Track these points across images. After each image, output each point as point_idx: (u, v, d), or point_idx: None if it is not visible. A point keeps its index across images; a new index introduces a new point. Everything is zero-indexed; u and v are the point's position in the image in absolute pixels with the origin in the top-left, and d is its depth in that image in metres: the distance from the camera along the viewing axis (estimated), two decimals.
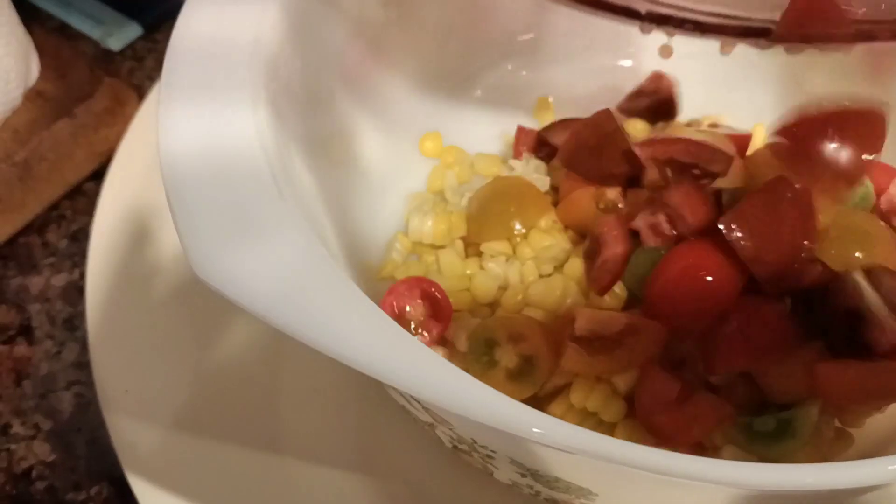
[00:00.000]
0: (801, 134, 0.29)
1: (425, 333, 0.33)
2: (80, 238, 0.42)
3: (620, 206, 0.35)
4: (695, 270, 0.30)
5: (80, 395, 0.37)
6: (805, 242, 0.30)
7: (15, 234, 0.42)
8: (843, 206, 0.32)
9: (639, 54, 0.42)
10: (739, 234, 0.29)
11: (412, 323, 0.33)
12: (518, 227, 0.35)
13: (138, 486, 0.32)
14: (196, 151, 0.26)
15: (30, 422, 0.36)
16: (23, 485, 0.35)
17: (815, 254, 0.30)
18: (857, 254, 0.31)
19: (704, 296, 0.29)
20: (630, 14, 0.25)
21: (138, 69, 0.50)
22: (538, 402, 0.32)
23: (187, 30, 0.30)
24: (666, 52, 0.33)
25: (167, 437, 0.34)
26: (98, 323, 0.36)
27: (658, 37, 0.43)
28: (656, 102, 0.42)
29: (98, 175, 0.43)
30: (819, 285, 0.30)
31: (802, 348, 0.30)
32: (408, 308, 0.33)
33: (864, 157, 0.29)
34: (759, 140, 0.38)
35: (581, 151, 0.34)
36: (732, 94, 0.42)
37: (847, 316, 0.29)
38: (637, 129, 0.42)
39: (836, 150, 0.28)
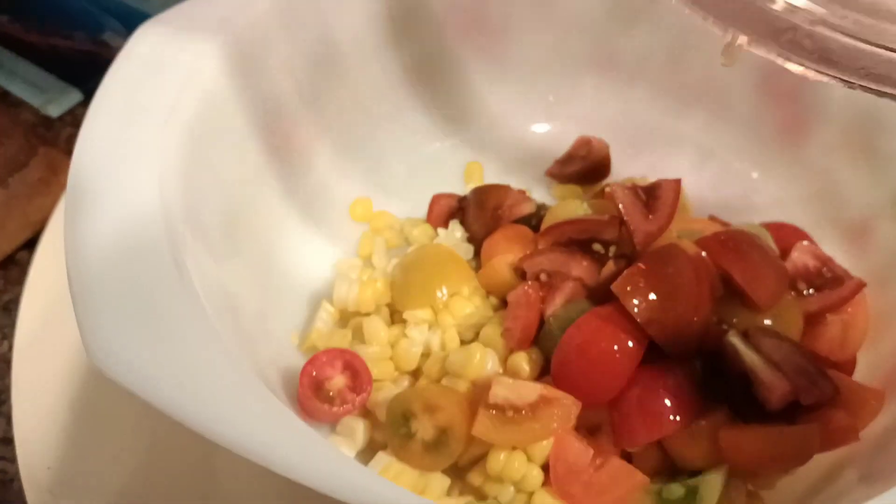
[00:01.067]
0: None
1: (346, 404, 0.33)
2: (12, 308, 0.42)
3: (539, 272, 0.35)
4: (594, 341, 0.30)
5: (3, 471, 0.37)
6: (702, 305, 0.31)
7: None
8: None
9: (552, 120, 0.44)
10: (633, 297, 0.30)
11: (332, 393, 0.33)
12: (440, 294, 0.36)
13: None
14: (102, 237, 0.27)
15: None
16: None
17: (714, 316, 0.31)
18: None
19: (604, 365, 0.30)
20: None
21: (76, 135, 0.50)
22: (458, 471, 0.33)
23: (105, 100, 0.31)
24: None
25: None
26: (23, 398, 0.36)
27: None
28: (588, 166, 0.44)
29: (32, 244, 0.43)
30: (718, 348, 0.30)
31: (707, 415, 0.30)
32: (329, 378, 0.34)
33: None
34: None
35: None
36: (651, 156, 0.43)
37: (740, 378, 0.30)
38: (570, 193, 0.43)
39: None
